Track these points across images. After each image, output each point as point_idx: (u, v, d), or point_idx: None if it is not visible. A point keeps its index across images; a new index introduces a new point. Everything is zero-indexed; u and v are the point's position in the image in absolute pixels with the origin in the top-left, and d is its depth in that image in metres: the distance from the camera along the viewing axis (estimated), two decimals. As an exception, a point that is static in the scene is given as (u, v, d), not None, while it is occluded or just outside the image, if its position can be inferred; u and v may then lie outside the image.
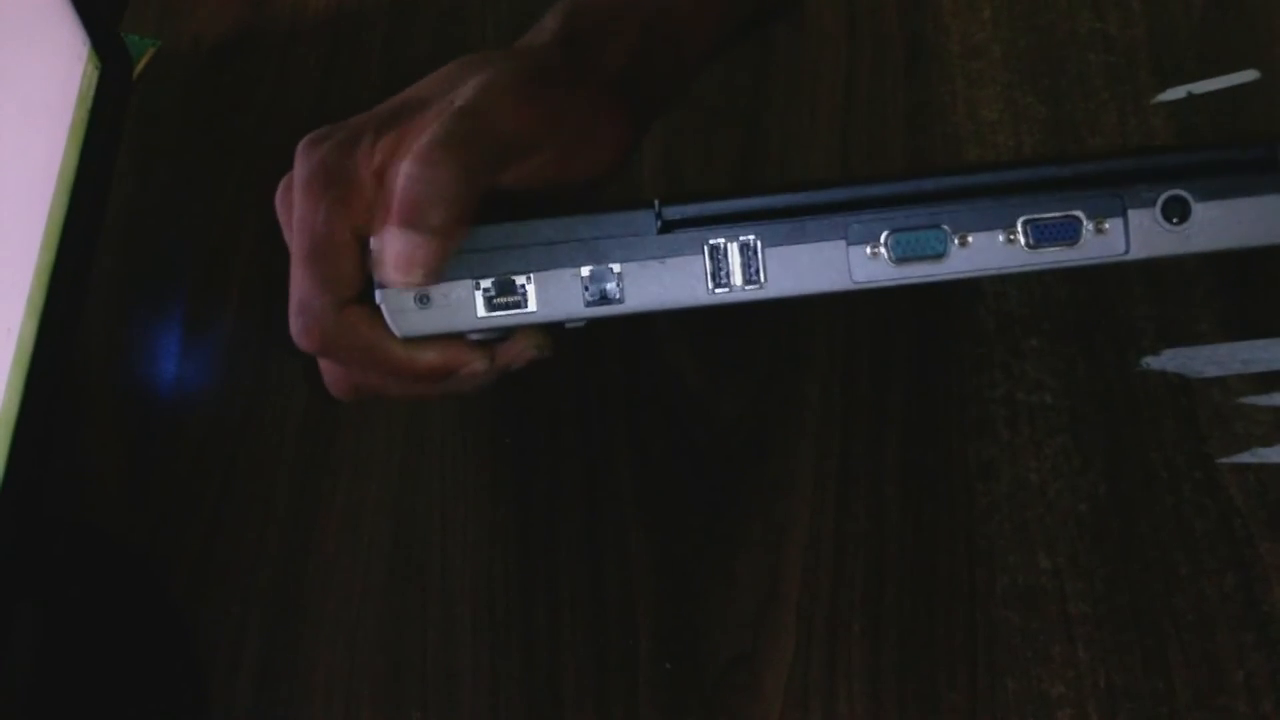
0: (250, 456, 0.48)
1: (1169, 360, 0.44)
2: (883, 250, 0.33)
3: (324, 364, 0.37)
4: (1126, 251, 0.33)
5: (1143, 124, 0.49)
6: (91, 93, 0.45)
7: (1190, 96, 0.49)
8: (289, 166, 0.37)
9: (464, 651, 0.42)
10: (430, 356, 0.35)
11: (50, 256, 0.41)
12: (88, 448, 0.49)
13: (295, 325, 0.36)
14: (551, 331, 0.36)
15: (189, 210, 0.54)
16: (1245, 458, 0.42)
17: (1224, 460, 0.42)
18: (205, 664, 0.44)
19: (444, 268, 0.34)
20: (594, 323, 0.35)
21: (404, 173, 0.33)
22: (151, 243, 0.54)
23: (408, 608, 0.44)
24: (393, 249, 0.33)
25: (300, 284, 0.35)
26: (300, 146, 0.36)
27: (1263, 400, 0.42)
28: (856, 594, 0.41)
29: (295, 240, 0.35)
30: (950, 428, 0.44)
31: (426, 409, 0.47)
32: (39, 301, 0.40)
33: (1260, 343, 0.43)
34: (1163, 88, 0.49)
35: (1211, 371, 0.43)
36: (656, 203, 0.34)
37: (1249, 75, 0.39)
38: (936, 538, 0.42)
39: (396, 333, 0.35)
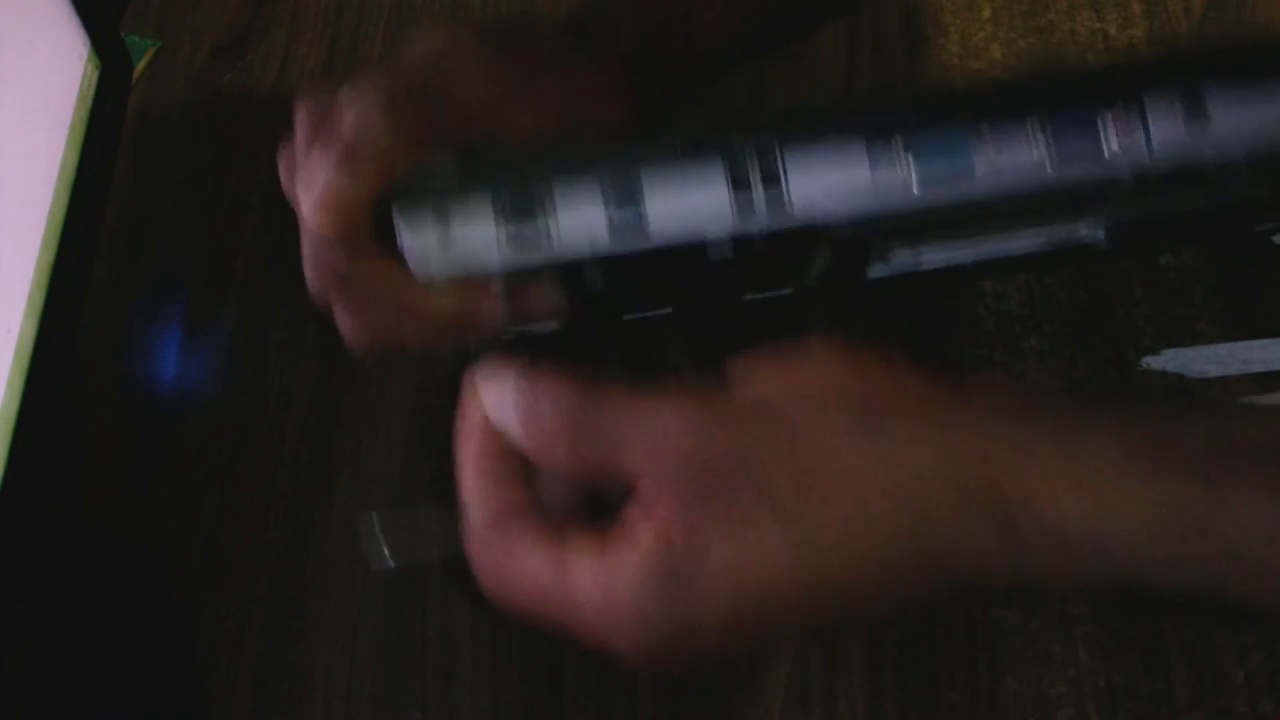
0: (251, 456, 0.48)
1: (1169, 360, 0.44)
2: (909, 170, 0.32)
3: (340, 314, 0.37)
4: (1150, 154, 0.32)
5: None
6: (92, 93, 0.45)
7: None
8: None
9: (464, 650, 0.42)
10: (448, 299, 0.35)
11: (50, 256, 0.41)
12: (89, 447, 0.49)
13: (309, 271, 0.35)
14: (567, 291, 0.35)
15: (189, 210, 0.54)
16: (1245, 458, 0.41)
17: (1224, 460, 0.42)
18: (206, 663, 0.44)
19: (364, 215, 0.34)
20: (616, 266, 0.33)
21: (343, 117, 0.34)
22: (152, 243, 0.53)
23: (408, 607, 0.43)
24: (316, 186, 0.33)
25: (310, 230, 0.35)
26: (299, 106, 0.36)
27: (1263, 400, 0.42)
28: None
29: (302, 194, 0.35)
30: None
31: (426, 409, 0.47)
32: (39, 301, 0.40)
33: (1260, 343, 0.43)
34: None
35: (1211, 371, 0.43)
36: (677, 131, 0.33)
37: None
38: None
39: (415, 272, 0.34)
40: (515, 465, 0.31)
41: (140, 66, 0.58)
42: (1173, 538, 0.27)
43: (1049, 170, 0.32)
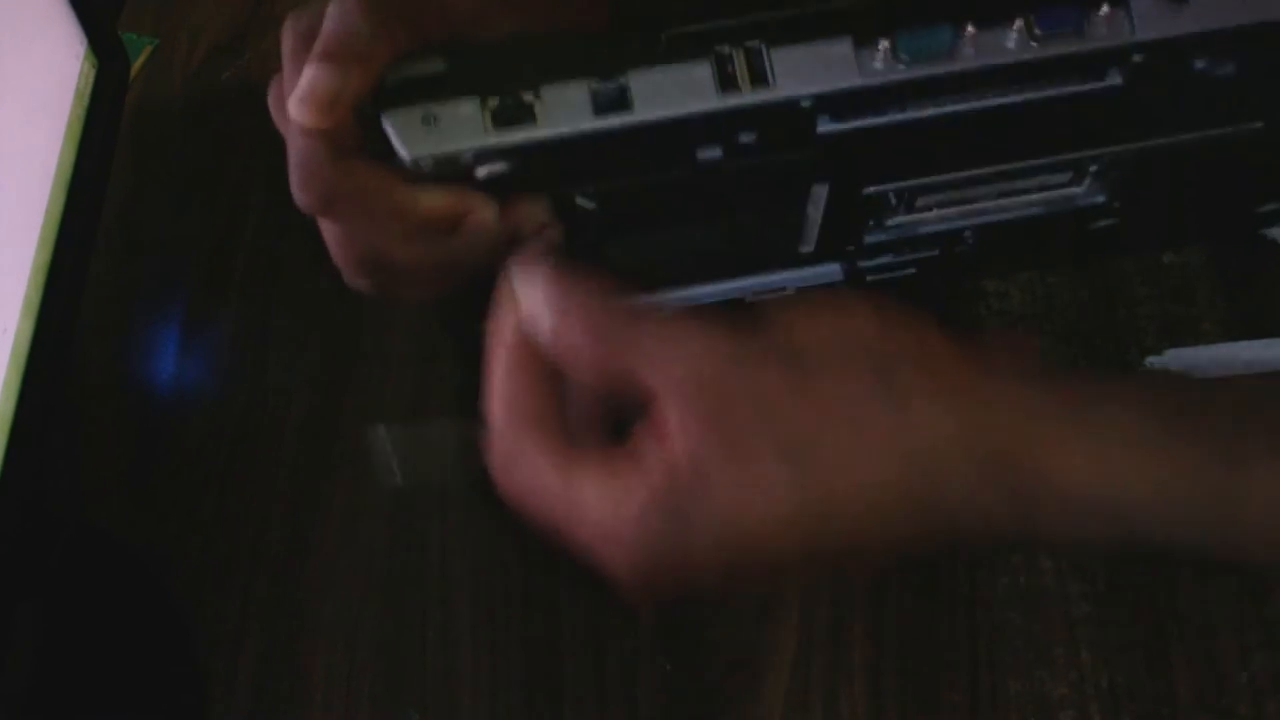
0: (250, 456, 0.48)
1: (1172, 360, 0.43)
2: (890, 49, 0.33)
3: (328, 231, 0.36)
4: (1133, 33, 0.33)
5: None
6: (89, 91, 0.44)
7: None
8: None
9: (463, 652, 0.42)
10: (436, 198, 0.34)
11: (47, 255, 0.41)
12: (88, 447, 0.49)
13: (295, 179, 0.35)
14: (557, 208, 0.35)
15: (187, 209, 0.54)
16: (1248, 458, 0.41)
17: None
18: (205, 663, 0.44)
19: (346, 109, 0.33)
20: (603, 167, 0.33)
21: (325, 13, 0.34)
22: (149, 242, 0.53)
23: (407, 608, 0.43)
24: (302, 82, 0.33)
25: (297, 140, 0.35)
26: (285, 24, 0.36)
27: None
28: (858, 595, 0.41)
29: (289, 98, 0.34)
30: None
31: (427, 409, 0.47)
32: (35, 301, 0.40)
33: (1263, 342, 0.43)
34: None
35: (1215, 371, 0.43)
36: (662, 26, 0.33)
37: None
38: (938, 538, 0.42)
39: (403, 153, 0.34)
40: (540, 376, 0.31)
41: (137, 65, 0.58)
42: (1189, 506, 0.28)
43: (1029, 50, 0.33)
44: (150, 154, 0.55)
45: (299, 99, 0.33)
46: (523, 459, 0.31)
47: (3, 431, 0.38)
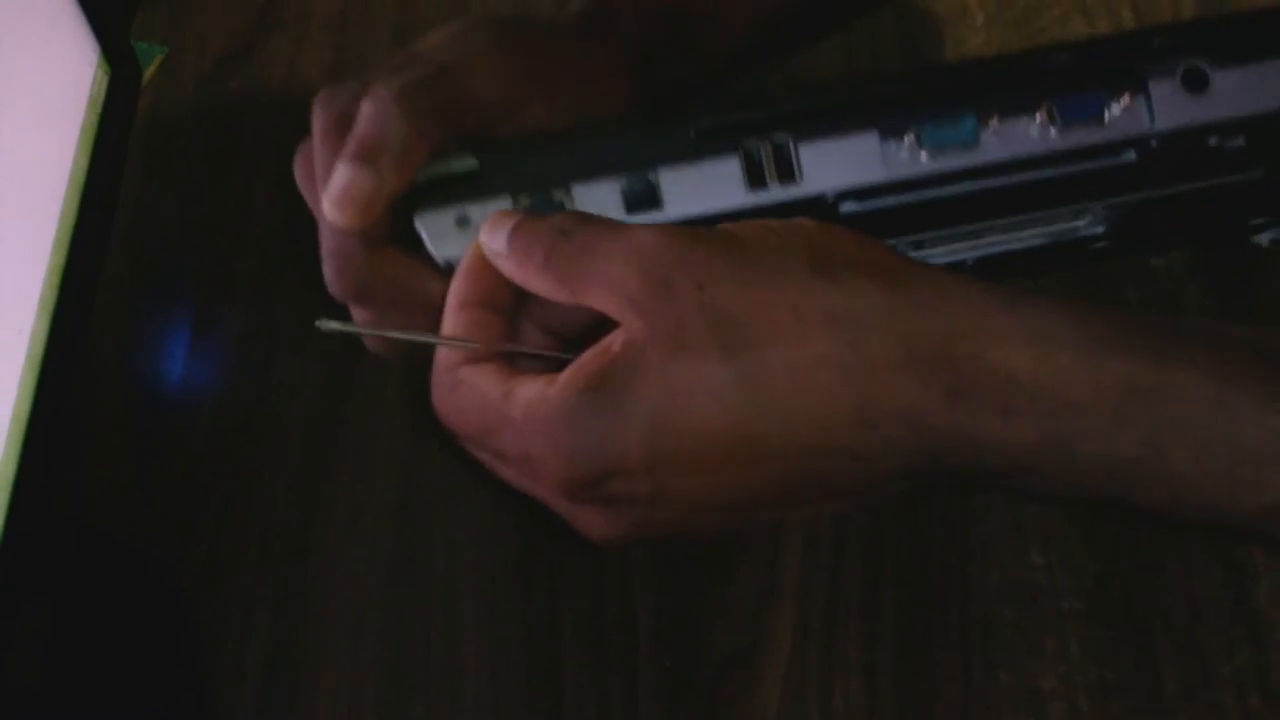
0: (256, 456, 0.48)
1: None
2: (915, 141, 0.33)
3: (358, 313, 0.37)
4: (1152, 124, 0.33)
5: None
6: (101, 98, 0.45)
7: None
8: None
9: (466, 647, 0.43)
10: None
11: (61, 258, 0.41)
12: (95, 447, 0.49)
13: (329, 270, 0.35)
14: None
15: (197, 213, 0.55)
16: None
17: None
18: (211, 659, 0.44)
19: (382, 210, 0.33)
20: None
21: (360, 112, 0.34)
22: (160, 245, 0.54)
23: (410, 604, 0.44)
24: (334, 182, 0.33)
25: (329, 230, 0.35)
26: (317, 99, 0.36)
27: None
28: (853, 590, 0.42)
29: (321, 191, 0.35)
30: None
31: (427, 408, 0.48)
32: (50, 302, 0.40)
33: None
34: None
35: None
36: (688, 114, 0.34)
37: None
38: (931, 534, 0.42)
39: (435, 255, 0.34)
40: (494, 316, 0.32)
41: (149, 73, 0.58)
42: (1116, 404, 0.28)
43: (1051, 140, 0.33)
44: (161, 159, 0.56)
45: (333, 201, 0.33)
46: (465, 380, 0.31)
47: (19, 431, 0.38)
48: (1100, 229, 0.36)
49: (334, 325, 0.32)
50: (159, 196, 0.55)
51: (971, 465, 0.29)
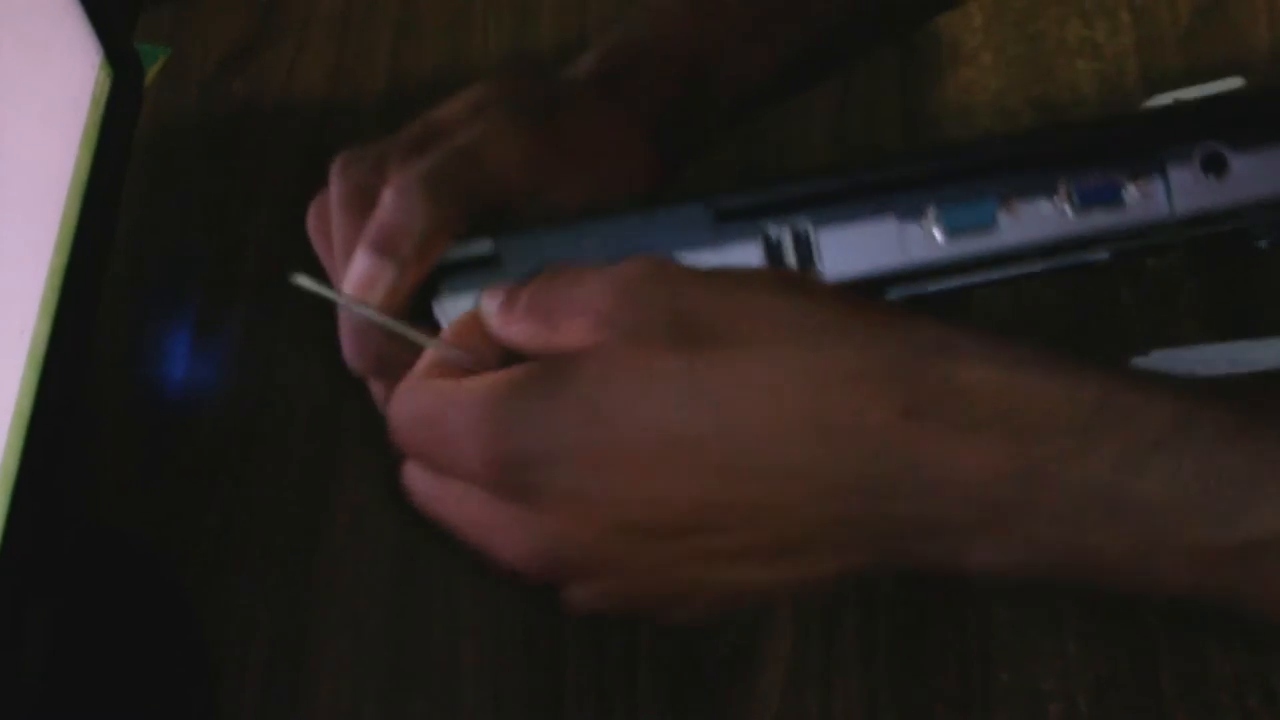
0: (259, 456, 0.48)
1: (1156, 362, 0.44)
2: (934, 225, 0.33)
3: (376, 385, 0.37)
4: (1170, 210, 0.33)
5: (1132, 130, 0.49)
6: (104, 100, 0.45)
7: (1176, 103, 0.49)
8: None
9: (468, 647, 0.43)
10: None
11: (64, 259, 0.41)
12: (100, 448, 0.49)
13: (348, 347, 0.35)
14: None
15: (199, 214, 0.55)
16: (1232, 456, 0.42)
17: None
18: (215, 658, 0.44)
19: (403, 300, 0.33)
20: None
21: (382, 199, 0.34)
22: (163, 246, 0.54)
23: (412, 604, 0.44)
24: (355, 270, 0.33)
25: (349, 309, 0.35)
26: (334, 167, 0.36)
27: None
28: (851, 590, 0.42)
29: (340, 264, 0.35)
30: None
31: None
32: (52, 303, 0.40)
33: (1246, 343, 0.44)
34: (1150, 95, 0.50)
35: (1199, 372, 0.44)
36: (707, 195, 0.34)
37: (1233, 83, 0.40)
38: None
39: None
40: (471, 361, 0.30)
41: (152, 74, 0.58)
42: (1088, 423, 0.26)
43: (1070, 222, 0.33)
44: (163, 161, 0.56)
45: (353, 289, 0.33)
46: (427, 383, 0.30)
47: (21, 431, 0.38)
48: (1105, 255, 0.36)
49: (309, 283, 0.32)
50: (161, 198, 0.55)
51: (926, 510, 0.27)
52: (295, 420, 0.49)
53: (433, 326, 0.34)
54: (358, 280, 0.33)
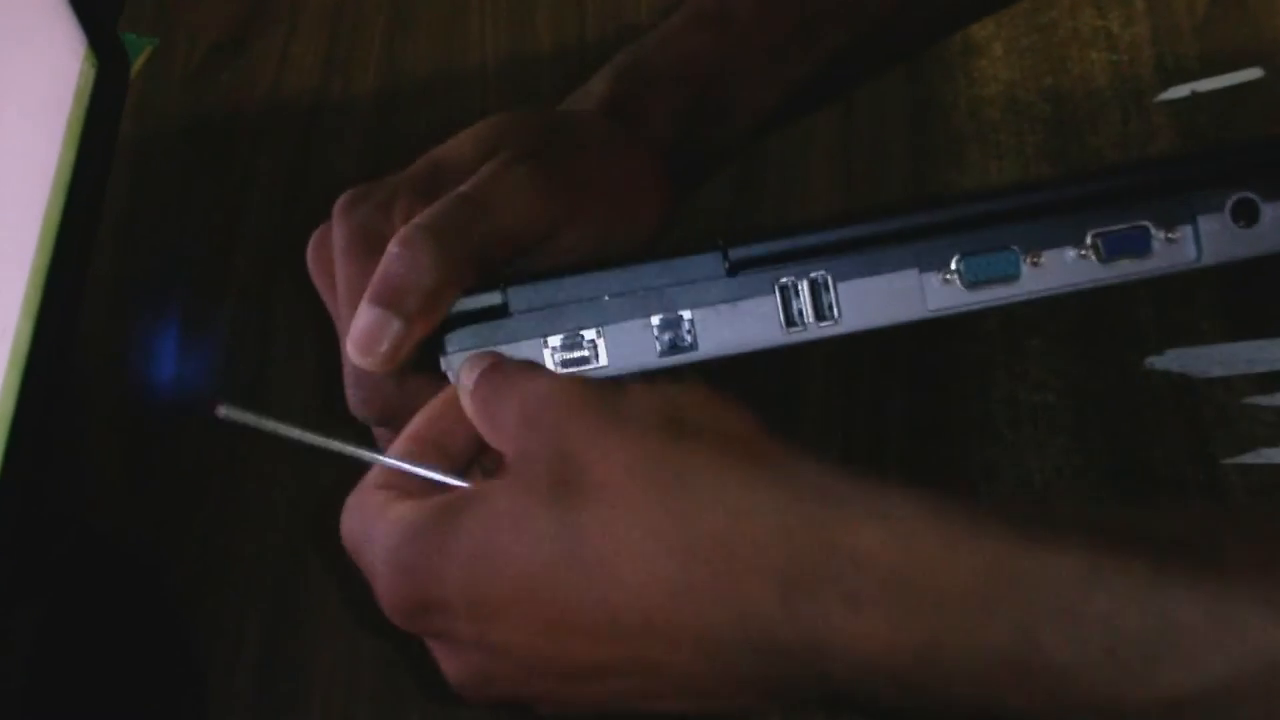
0: (250, 456, 0.47)
1: (1173, 360, 0.43)
2: (955, 276, 0.33)
3: (381, 433, 0.36)
4: (1199, 258, 0.33)
5: (1145, 123, 0.49)
6: (88, 91, 0.44)
7: (1194, 95, 0.49)
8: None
9: (464, 653, 0.43)
10: None
11: (46, 256, 0.41)
12: (87, 448, 0.48)
13: (354, 398, 0.35)
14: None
15: (187, 209, 0.54)
16: (1249, 458, 0.41)
17: (1228, 460, 0.41)
18: (205, 663, 0.44)
19: (409, 356, 0.33)
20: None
21: (387, 250, 0.33)
22: (149, 242, 0.53)
23: (407, 609, 0.44)
24: (359, 324, 0.33)
25: (352, 360, 0.34)
26: (338, 206, 0.35)
27: (1267, 400, 0.42)
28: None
29: (344, 309, 0.34)
30: (952, 428, 0.43)
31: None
32: (35, 302, 0.40)
33: (1264, 343, 0.43)
34: (1166, 86, 0.49)
35: (1215, 372, 0.43)
36: (721, 243, 0.33)
37: (1253, 74, 0.39)
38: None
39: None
40: (440, 459, 0.31)
41: (137, 65, 0.58)
42: (983, 593, 0.25)
43: (1095, 272, 0.33)
44: (150, 154, 0.55)
45: (358, 345, 0.33)
46: (363, 500, 0.31)
47: (2, 433, 0.38)
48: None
49: (234, 413, 0.32)
50: (147, 193, 0.54)
51: (824, 669, 0.26)
52: (287, 420, 0.48)
53: (439, 379, 0.33)
54: (362, 335, 0.33)
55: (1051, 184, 0.35)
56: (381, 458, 0.32)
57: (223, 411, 0.32)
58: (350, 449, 0.32)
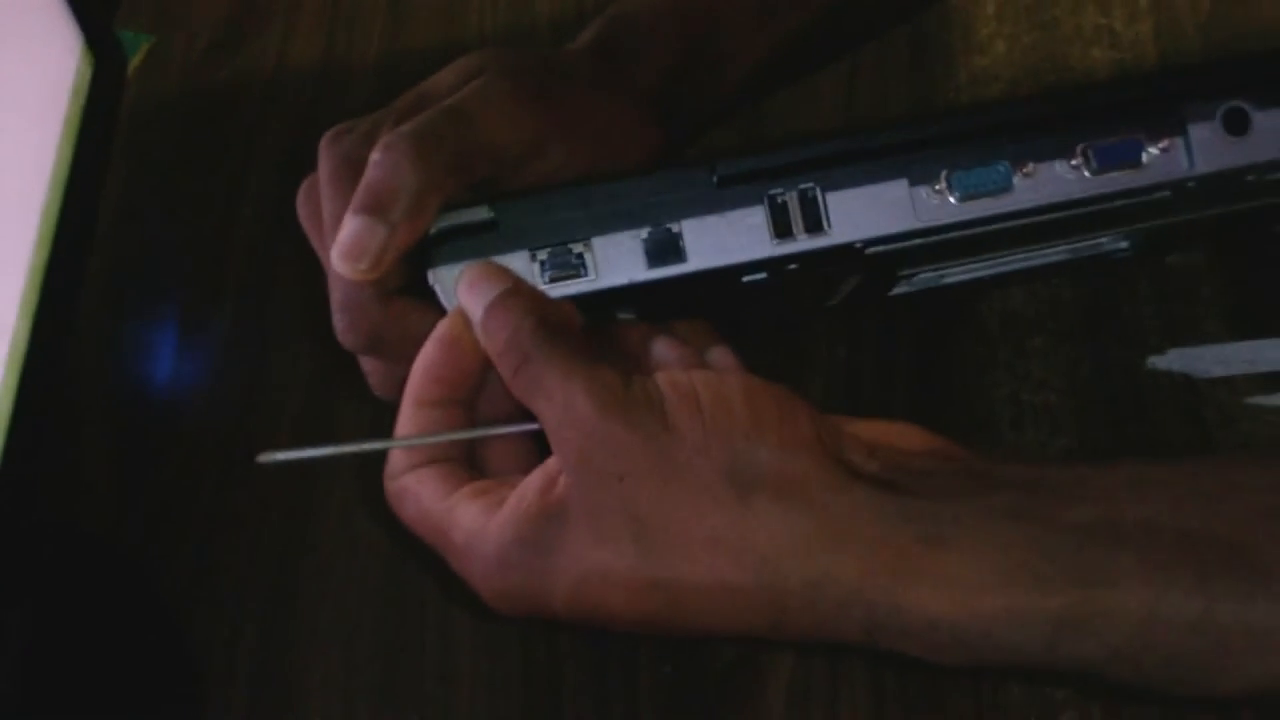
0: (245, 457, 0.47)
1: (1175, 360, 0.43)
2: (946, 189, 0.32)
3: (368, 362, 0.36)
4: (1191, 167, 0.32)
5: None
6: (85, 90, 0.44)
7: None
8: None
9: (462, 654, 0.42)
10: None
11: (44, 255, 0.41)
12: (82, 449, 0.48)
13: (340, 322, 0.35)
14: (597, 316, 0.35)
15: (184, 208, 0.54)
16: (1251, 458, 0.41)
17: (1230, 461, 0.41)
18: (200, 667, 0.43)
19: (394, 263, 0.33)
20: (652, 288, 0.33)
21: (370, 159, 0.33)
22: (146, 241, 0.53)
23: (405, 609, 0.43)
24: (344, 235, 0.33)
25: (340, 282, 0.34)
26: (323, 141, 0.35)
27: (1269, 400, 0.42)
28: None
29: (330, 239, 0.34)
30: (954, 427, 0.43)
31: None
32: (32, 300, 0.40)
33: (1266, 342, 0.43)
34: (1168, 84, 0.49)
35: (1218, 371, 0.43)
36: (711, 160, 0.33)
37: (1257, 72, 0.39)
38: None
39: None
40: (451, 411, 0.32)
41: (134, 63, 0.58)
42: (1047, 640, 0.28)
43: (1087, 184, 0.33)
44: (147, 153, 0.55)
45: (343, 254, 0.33)
46: (414, 487, 0.32)
47: (1, 431, 0.38)
48: (1124, 244, 0.36)
49: (278, 457, 0.32)
50: (145, 191, 0.54)
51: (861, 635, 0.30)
52: (283, 420, 0.48)
53: (427, 295, 0.33)
54: (348, 244, 0.33)
55: (1042, 98, 0.35)
56: (439, 436, 0.32)
57: (264, 459, 0.32)
58: (399, 441, 0.32)
